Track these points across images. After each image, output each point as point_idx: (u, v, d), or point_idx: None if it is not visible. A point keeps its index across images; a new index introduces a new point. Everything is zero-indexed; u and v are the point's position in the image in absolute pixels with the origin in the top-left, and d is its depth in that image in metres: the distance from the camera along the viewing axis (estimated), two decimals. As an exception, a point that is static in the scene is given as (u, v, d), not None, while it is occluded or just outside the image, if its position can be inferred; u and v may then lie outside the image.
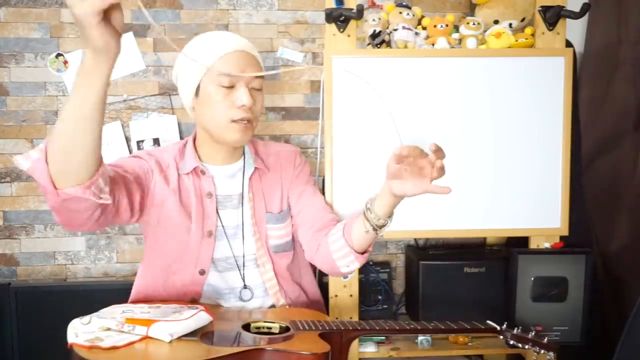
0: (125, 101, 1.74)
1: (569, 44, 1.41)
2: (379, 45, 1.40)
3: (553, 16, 1.36)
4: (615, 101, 1.57)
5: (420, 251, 1.63)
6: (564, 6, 1.35)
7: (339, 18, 1.34)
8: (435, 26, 1.40)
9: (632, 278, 1.46)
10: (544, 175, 1.40)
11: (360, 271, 1.46)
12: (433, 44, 1.40)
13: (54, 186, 0.85)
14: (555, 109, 1.39)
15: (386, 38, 1.41)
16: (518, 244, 1.46)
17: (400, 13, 1.42)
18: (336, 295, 1.41)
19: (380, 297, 1.59)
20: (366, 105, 1.36)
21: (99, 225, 1.00)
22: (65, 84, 1.72)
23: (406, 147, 0.91)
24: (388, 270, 1.63)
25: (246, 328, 1.04)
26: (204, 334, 0.98)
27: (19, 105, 1.72)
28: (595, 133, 1.62)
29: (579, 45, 1.67)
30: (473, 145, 1.39)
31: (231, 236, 1.20)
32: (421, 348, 1.44)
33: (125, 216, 1.07)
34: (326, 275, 1.39)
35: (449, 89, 1.38)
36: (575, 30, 1.61)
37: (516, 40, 1.38)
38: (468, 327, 1.11)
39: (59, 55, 1.71)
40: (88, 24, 0.69)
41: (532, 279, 1.38)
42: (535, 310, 1.38)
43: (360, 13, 1.32)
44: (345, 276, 1.37)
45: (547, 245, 1.42)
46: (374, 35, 1.41)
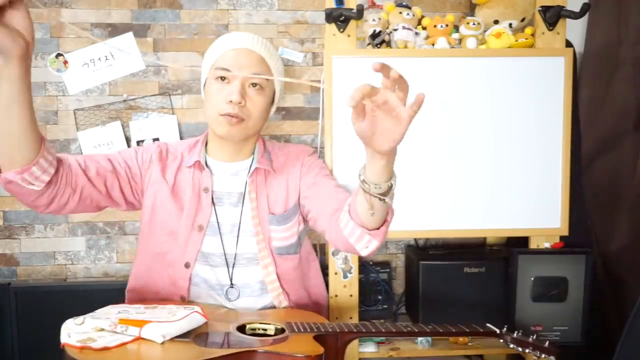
0: (125, 101, 1.74)
1: (569, 44, 1.41)
2: (379, 45, 1.40)
3: (553, 16, 1.36)
4: (615, 101, 1.57)
5: (420, 251, 1.63)
6: (564, 6, 1.35)
7: (339, 18, 1.34)
8: (435, 26, 1.40)
9: (632, 278, 1.46)
10: (544, 175, 1.40)
11: (360, 271, 1.46)
12: (433, 44, 1.40)
13: None
14: (555, 109, 1.39)
15: (386, 38, 1.41)
16: (518, 244, 1.46)
17: (400, 13, 1.42)
18: (336, 295, 1.40)
19: (380, 297, 1.59)
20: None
21: (60, 209, 1.06)
22: (65, 84, 1.72)
23: (352, 97, 0.72)
24: (388, 270, 1.63)
25: (241, 329, 1.04)
26: (198, 335, 0.97)
27: (19, 105, 1.72)
28: (595, 133, 1.62)
29: (579, 45, 1.67)
30: (473, 145, 1.39)
31: (226, 233, 1.20)
32: (421, 348, 1.44)
33: (120, 202, 1.18)
34: (326, 275, 1.39)
35: (449, 89, 1.38)
36: (575, 30, 1.61)
37: (516, 40, 1.38)
38: (467, 331, 1.10)
39: (58, 55, 1.71)
40: None
41: (532, 279, 1.38)
42: (535, 310, 1.38)
43: (360, 13, 1.32)
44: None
45: (547, 245, 1.42)
46: (374, 35, 1.41)
